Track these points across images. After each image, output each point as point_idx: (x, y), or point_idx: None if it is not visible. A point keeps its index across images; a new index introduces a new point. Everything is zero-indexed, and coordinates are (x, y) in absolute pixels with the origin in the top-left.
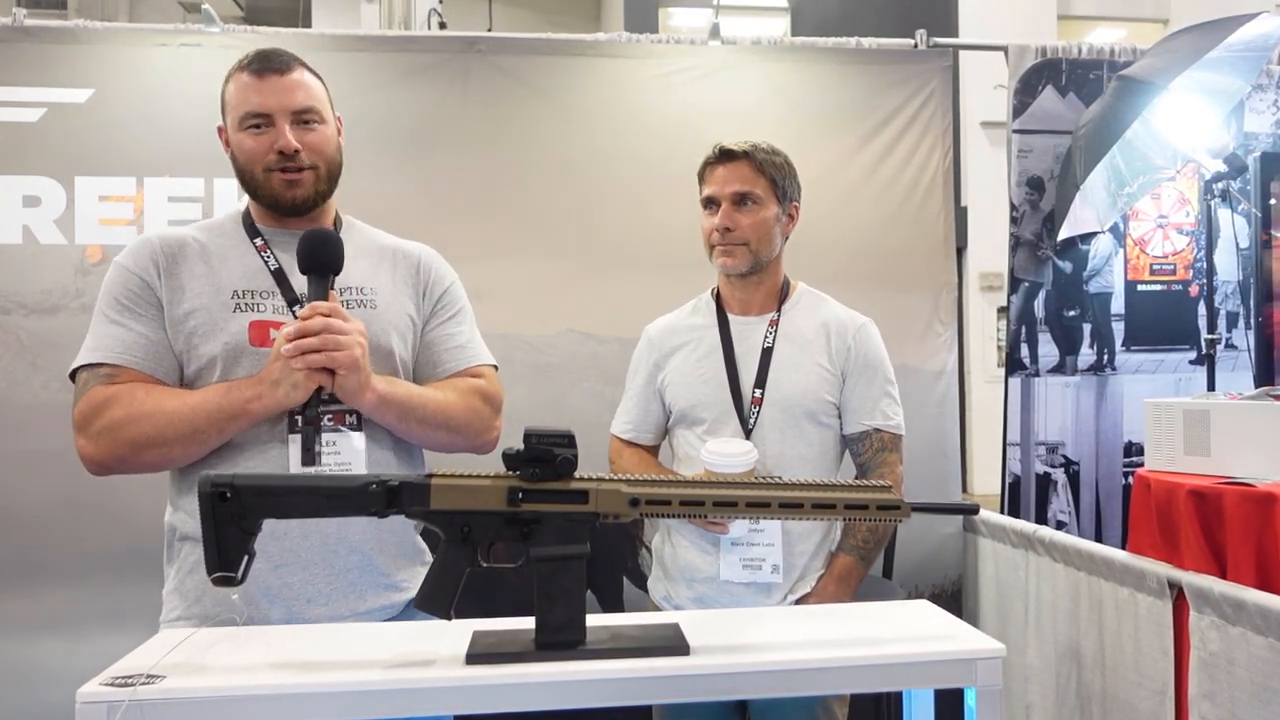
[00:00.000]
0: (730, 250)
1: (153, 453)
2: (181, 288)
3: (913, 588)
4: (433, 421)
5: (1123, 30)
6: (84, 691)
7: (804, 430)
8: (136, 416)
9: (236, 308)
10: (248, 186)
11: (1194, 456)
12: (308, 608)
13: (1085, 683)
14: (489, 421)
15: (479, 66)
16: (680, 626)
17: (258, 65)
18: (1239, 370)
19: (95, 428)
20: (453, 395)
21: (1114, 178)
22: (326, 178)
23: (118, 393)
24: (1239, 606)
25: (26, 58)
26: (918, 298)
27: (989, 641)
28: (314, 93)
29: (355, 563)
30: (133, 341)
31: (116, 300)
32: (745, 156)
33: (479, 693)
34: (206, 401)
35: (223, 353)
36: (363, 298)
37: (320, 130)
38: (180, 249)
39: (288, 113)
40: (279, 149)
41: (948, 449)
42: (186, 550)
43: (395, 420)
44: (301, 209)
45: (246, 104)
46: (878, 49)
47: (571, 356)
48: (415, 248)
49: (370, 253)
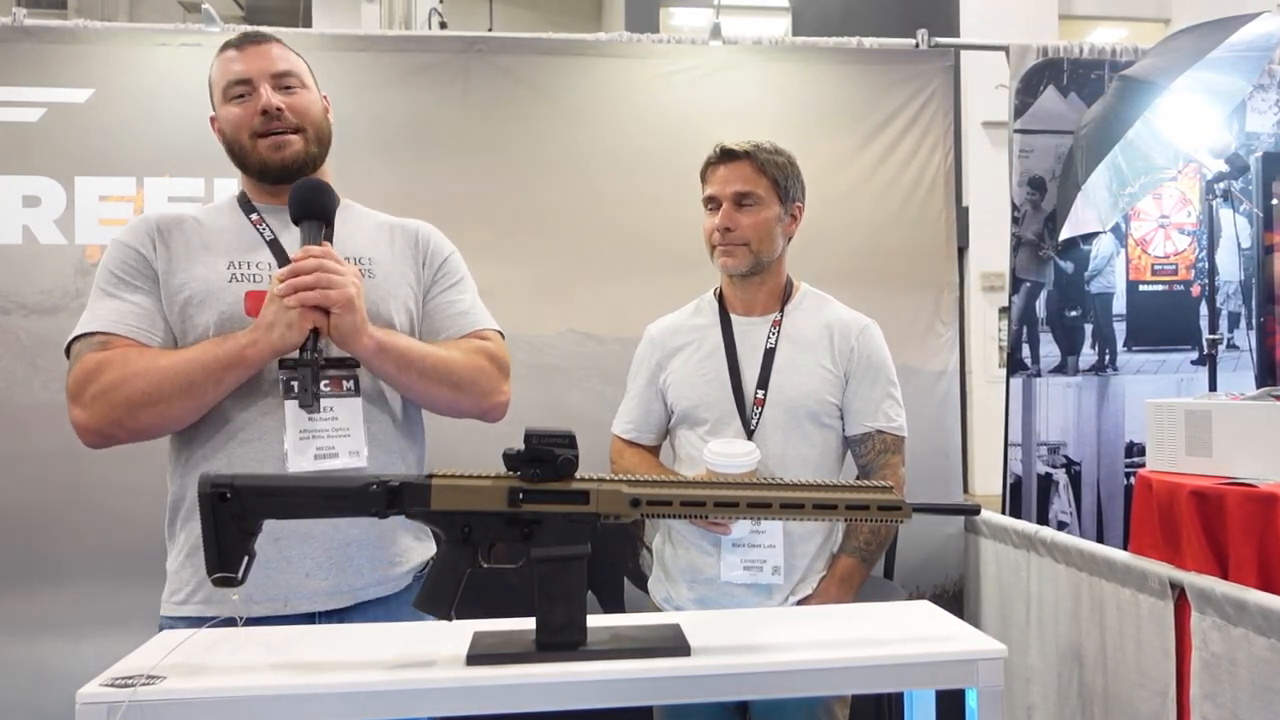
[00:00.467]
0: (731, 250)
1: (148, 412)
2: (178, 259)
3: (914, 588)
4: (434, 375)
5: (1124, 30)
6: (84, 692)
7: (806, 431)
8: (130, 376)
9: (232, 278)
10: (237, 160)
11: (1196, 457)
12: (306, 582)
13: (1087, 684)
14: (496, 383)
15: (479, 66)
16: (681, 627)
17: (237, 40)
18: (1240, 370)
19: (89, 393)
20: (456, 353)
21: (1116, 178)
22: (315, 141)
23: (110, 357)
24: (1241, 607)
25: (26, 57)
26: (919, 298)
27: (990, 642)
28: (293, 61)
29: (355, 536)
30: (126, 310)
31: (112, 274)
32: (747, 156)
33: (480, 693)
34: (203, 353)
35: (217, 321)
36: (361, 267)
37: (302, 94)
38: (177, 224)
39: (268, 75)
40: (261, 108)
41: (949, 449)
42: (190, 529)
43: (394, 370)
44: (291, 171)
45: (229, 74)
46: (879, 49)
47: (572, 357)
48: (413, 222)
49: (368, 227)
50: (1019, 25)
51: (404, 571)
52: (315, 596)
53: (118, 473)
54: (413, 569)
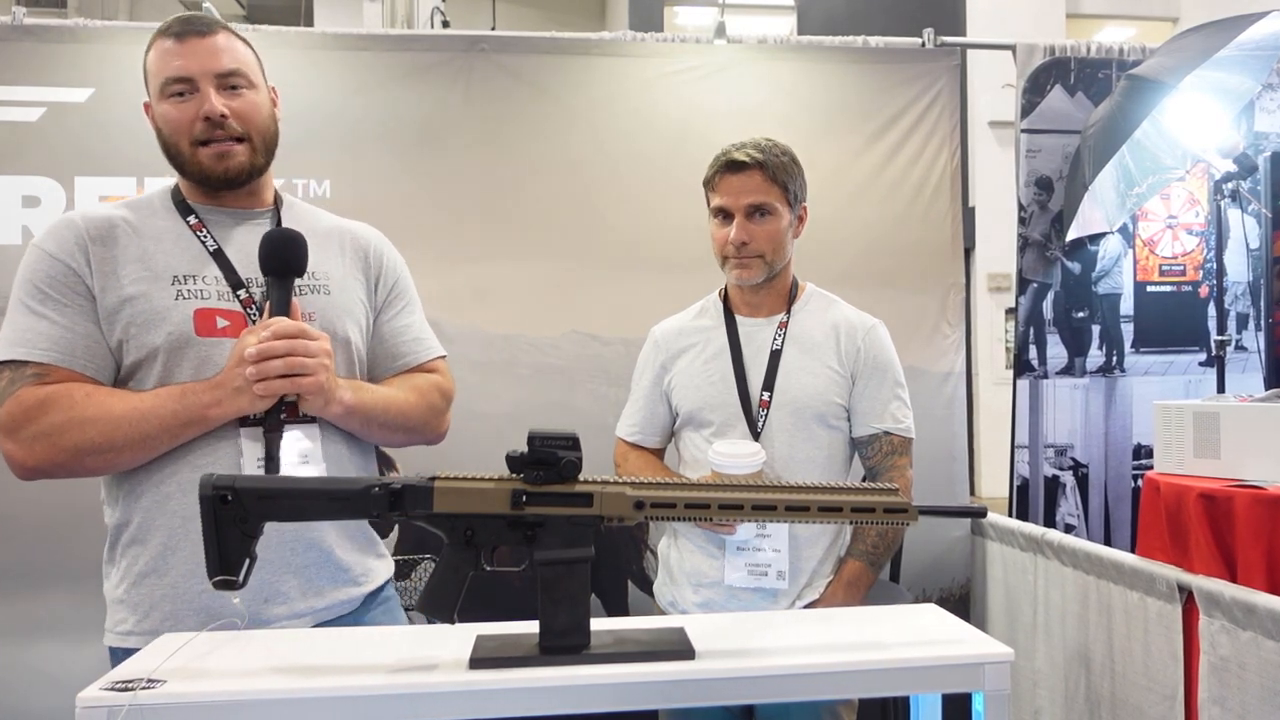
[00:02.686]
0: (746, 263)
1: (96, 459)
2: (115, 274)
3: (920, 591)
4: (393, 425)
5: (1132, 29)
6: (84, 696)
7: (813, 433)
8: (79, 421)
9: (178, 295)
10: (174, 161)
11: (1204, 459)
12: (265, 608)
13: (1094, 687)
14: (442, 417)
15: (482, 65)
16: (686, 630)
17: (178, 29)
18: (1249, 372)
19: (29, 432)
20: (413, 396)
21: (1123, 178)
22: (262, 149)
23: (53, 394)
24: (1250, 610)
25: (26, 57)
26: (925, 299)
27: (997, 646)
28: (240, 56)
29: (314, 559)
30: (59, 336)
31: (38, 289)
32: (759, 167)
33: (482, 697)
34: (160, 407)
35: (165, 343)
36: (315, 283)
37: (248, 95)
38: (109, 230)
39: (211, 76)
40: (204, 114)
41: (955, 451)
42: (134, 554)
43: (359, 426)
44: (235, 182)
45: (167, 69)
46: (884, 48)
47: (575, 358)
48: (361, 229)
49: (317, 234)
50: (1026, 24)
51: (365, 593)
52: (279, 620)
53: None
54: (374, 588)
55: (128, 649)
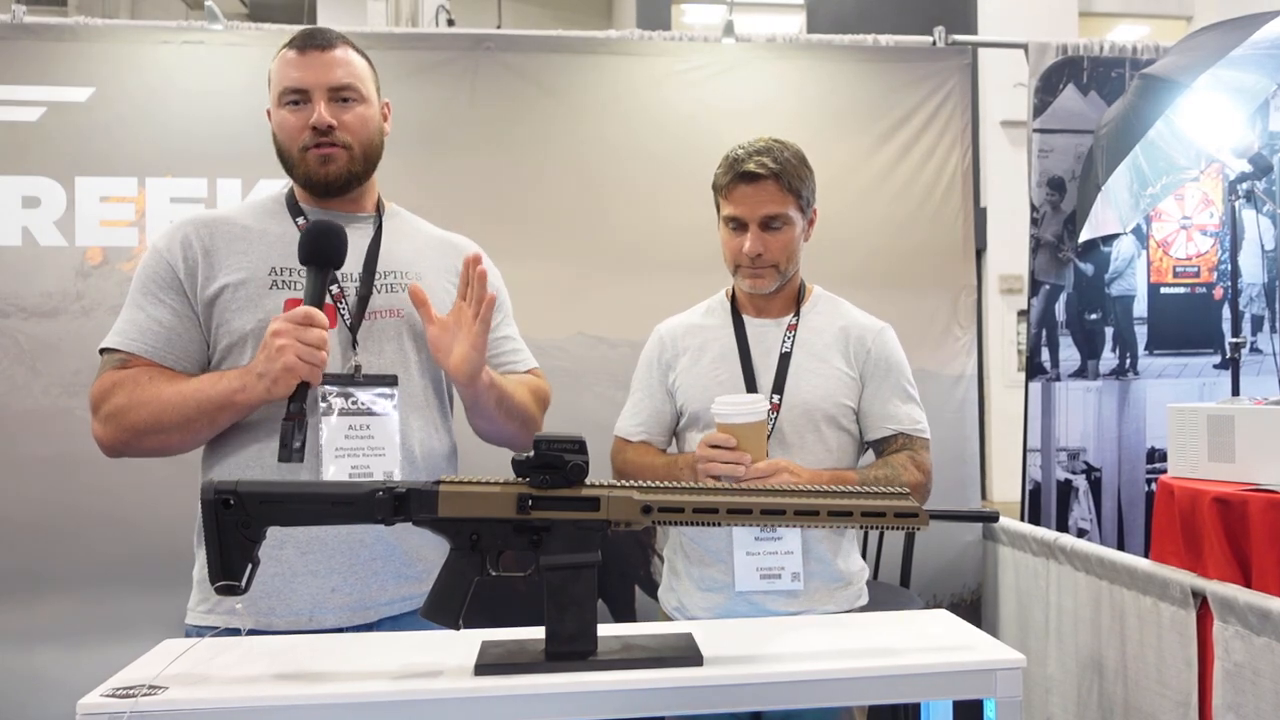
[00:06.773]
0: (760, 273)
1: (152, 439)
2: (218, 264)
3: (931, 597)
4: (513, 412)
5: (1145, 27)
6: (84, 703)
7: (824, 435)
8: (136, 403)
9: (274, 284)
10: (285, 165)
11: (1218, 463)
12: (332, 597)
13: (1107, 694)
14: (541, 419)
15: (488, 64)
16: (693, 636)
17: (300, 42)
18: (1264, 375)
19: (104, 411)
20: (528, 394)
21: (1136, 178)
22: (362, 158)
23: (123, 378)
24: (1264, 616)
25: (26, 56)
26: (936, 300)
27: (1009, 652)
28: (355, 70)
29: (380, 552)
30: (147, 327)
31: (141, 284)
32: (774, 178)
33: (488, 704)
34: (199, 391)
35: (255, 328)
36: (405, 281)
37: (358, 110)
38: (218, 227)
39: (325, 89)
40: (313, 124)
41: (967, 455)
42: None
43: (494, 406)
44: (334, 188)
45: (286, 79)
46: (895, 46)
47: (583, 360)
48: (462, 241)
49: (414, 237)
50: (1038, 22)
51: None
52: (340, 612)
53: (118, 479)
54: None
55: (205, 626)
